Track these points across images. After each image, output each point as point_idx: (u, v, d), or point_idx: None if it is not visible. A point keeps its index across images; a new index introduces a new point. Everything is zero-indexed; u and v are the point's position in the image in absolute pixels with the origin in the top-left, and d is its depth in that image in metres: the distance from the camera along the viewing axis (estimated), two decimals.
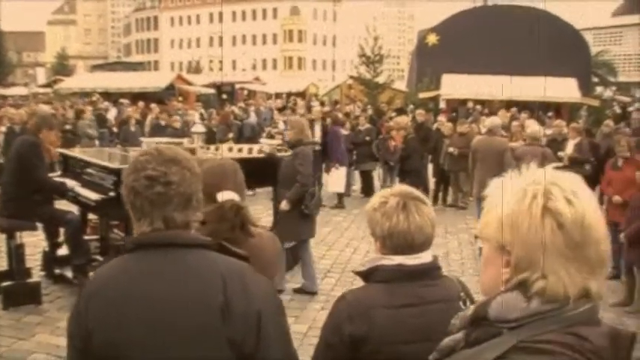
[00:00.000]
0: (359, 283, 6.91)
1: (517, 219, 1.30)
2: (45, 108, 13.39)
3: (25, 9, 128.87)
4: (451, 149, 13.43)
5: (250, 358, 1.76)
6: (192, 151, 7.49)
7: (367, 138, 14.46)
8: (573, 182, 1.34)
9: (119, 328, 1.74)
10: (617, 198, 8.41)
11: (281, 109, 19.01)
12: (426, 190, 15.06)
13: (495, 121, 11.27)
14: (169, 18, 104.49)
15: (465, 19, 31.57)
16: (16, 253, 6.95)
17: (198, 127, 8.85)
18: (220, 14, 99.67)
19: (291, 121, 7.96)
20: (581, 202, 1.30)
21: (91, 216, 8.01)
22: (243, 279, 1.81)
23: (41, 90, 39.35)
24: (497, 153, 9.79)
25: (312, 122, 13.41)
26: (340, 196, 13.50)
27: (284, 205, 7.17)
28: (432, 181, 14.73)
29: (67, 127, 16.35)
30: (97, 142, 16.07)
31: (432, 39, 31.53)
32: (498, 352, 1.26)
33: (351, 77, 31.96)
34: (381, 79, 29.73)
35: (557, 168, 1.39)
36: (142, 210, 1.82)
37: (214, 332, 1.72)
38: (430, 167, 14.98)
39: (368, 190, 14.69)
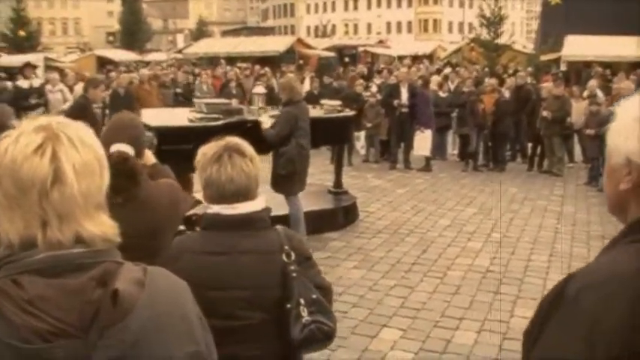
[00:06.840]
0: (405, 244, 7.18)
1: None
2: (144, 72, 14.05)
3: None
4: (545, 113, 12.78)
5: None
6: (239, 112, 7.73)
7: None
8: (24, 130, 1.32)
9: None
10: None
11: (380, 72, 18.85)
12: (524, 155, 14.54)
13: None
14: None
15: None
16: None
17: (259, 89, 9.04)
18: None
19: (280, 83, 8.12)
20: (16, 150, 1.29)
21: None
22: None
23: (179, 55, 40.92)
24: None
25: (398, 84, 13.28)
26: (428, 159, 13.28)
27: None
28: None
29: (178, 90, 17.22)
30: None
31: None
32: None
33: (472, 39, 30.97)
34: (501, 41, 28.64)
35: None
36: None
37: None
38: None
39: (464, 154, 14.34)
